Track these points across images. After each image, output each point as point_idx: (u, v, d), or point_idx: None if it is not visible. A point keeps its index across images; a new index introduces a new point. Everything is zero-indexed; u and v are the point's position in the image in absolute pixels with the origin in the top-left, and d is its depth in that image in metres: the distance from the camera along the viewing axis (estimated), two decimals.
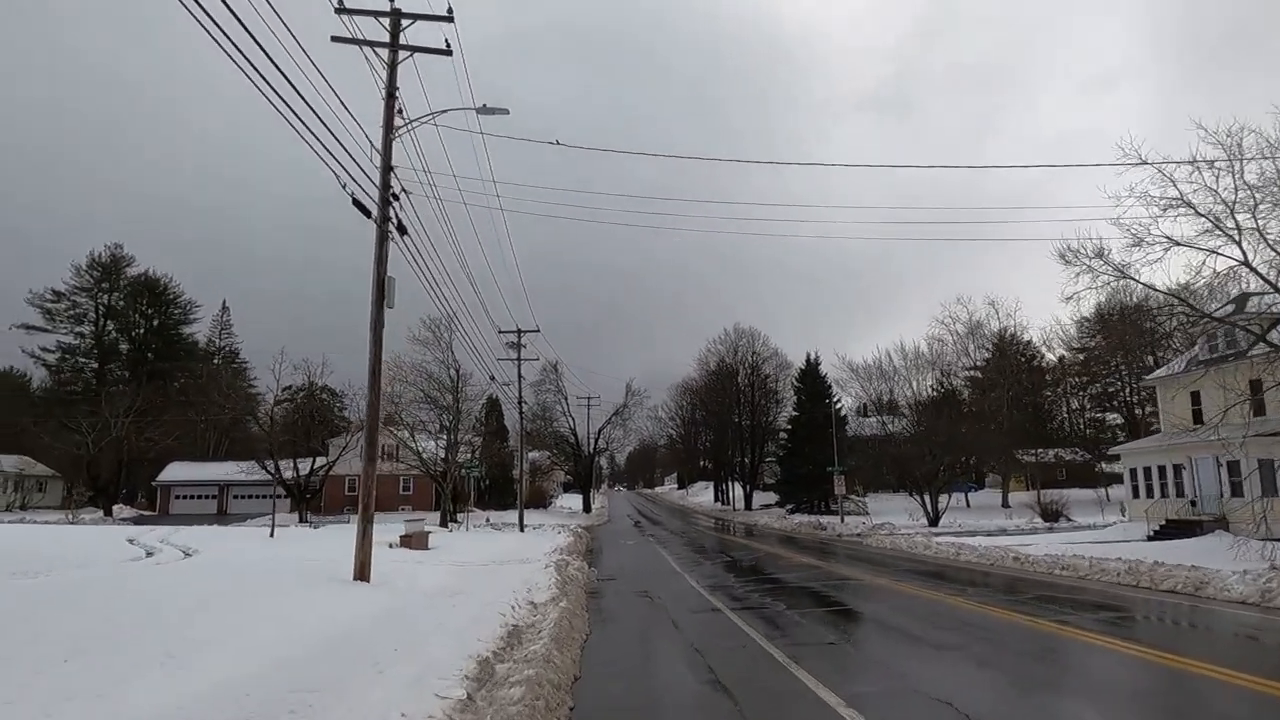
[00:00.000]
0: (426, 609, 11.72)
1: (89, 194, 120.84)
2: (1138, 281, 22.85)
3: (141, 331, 79.96)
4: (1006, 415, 55.20)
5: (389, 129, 15.25)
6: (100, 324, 76.82)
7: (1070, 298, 24.30)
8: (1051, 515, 41.72)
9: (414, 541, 24.27)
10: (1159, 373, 33.79)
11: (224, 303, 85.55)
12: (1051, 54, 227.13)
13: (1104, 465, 63.58)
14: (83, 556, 17.61)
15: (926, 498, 42.06)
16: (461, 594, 13.90)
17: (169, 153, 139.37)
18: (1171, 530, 27.10)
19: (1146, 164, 21.62)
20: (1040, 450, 62.67)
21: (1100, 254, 23.32)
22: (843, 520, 43.29)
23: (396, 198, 15.34)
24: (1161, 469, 29.84)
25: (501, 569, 19.25)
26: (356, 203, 13.12)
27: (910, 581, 15.74)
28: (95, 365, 76.08)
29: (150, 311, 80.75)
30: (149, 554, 19.21)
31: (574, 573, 18.45)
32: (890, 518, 42.81)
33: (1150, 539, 27.13)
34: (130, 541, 22.22)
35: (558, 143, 15.10)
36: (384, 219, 14.95)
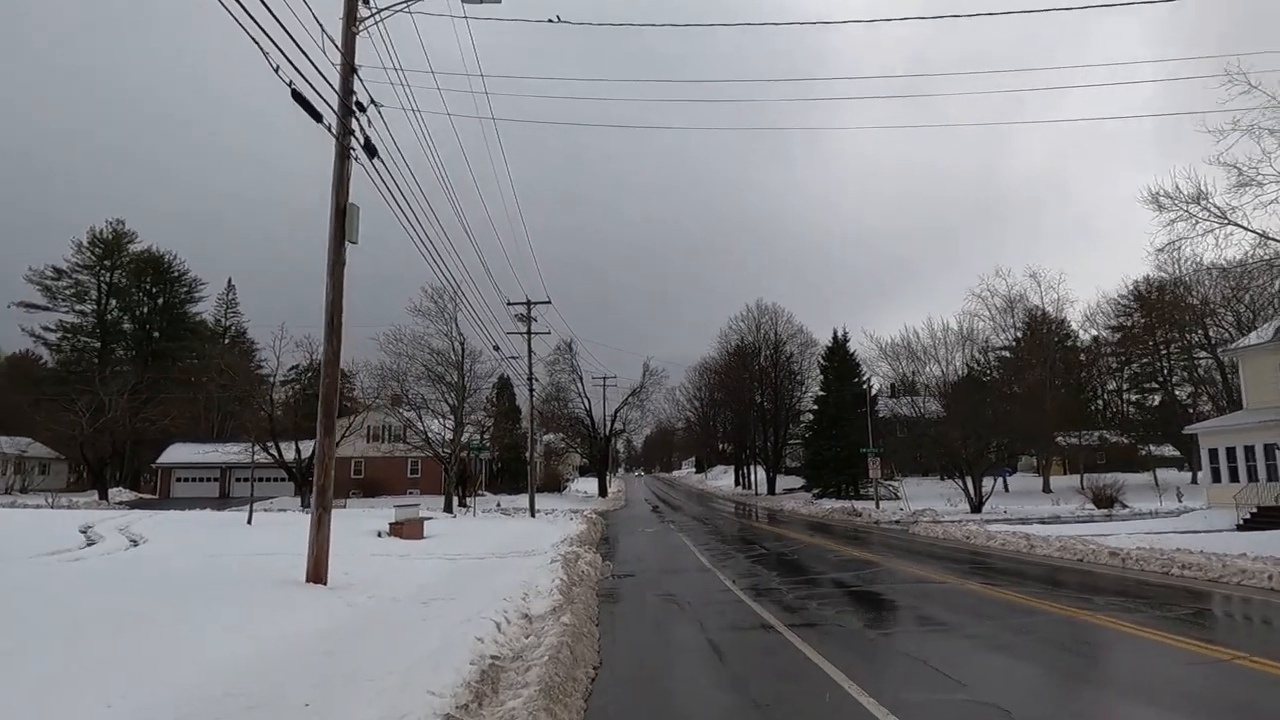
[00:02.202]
0: (383, 628, 8.80)
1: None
2: (1245, 229, 19.52)
3: (145, 310, 77.75)
4: (1050, 395, 51.59)
5: (351, 19, 12.22)
6: (103, 302, 74.62)
7: (1163, 249, 21.09)
8: (1105, 501, 38.29)
9: (406, 530, 21.45)
10: (1243, 342, 30.28)
11: (229, 280, 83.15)
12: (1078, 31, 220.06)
13: (1152, 448, 59.99)
14: (8, 548, 14.88)
15: (969, 482, 38.82)
16: (440, 601, 10.99)
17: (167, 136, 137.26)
18: (1265, 519, 23.79)
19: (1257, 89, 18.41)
20: (1084, 432, 58.97)
21: (1199, 198, 20.03)
22: (878, 506, 40.19)
23: (363, 108, 12.32)
24: (1249, 449, 26.45)
25: (501, 564, 16.39)
26: (299, 97, 10.06)
27: (1005, 585, 12.59)
28: (98, 345, 73.94)
29: (155, 290, 78.48)
30: (90, 544, 16.50)
31: (585, 569, 15.52)
32: (926, 503, 39.71)
33: (1241, 528, 23.89)
34: (84, 530, 19.51)
35: (558, 19, 11.92)
36: (344, 131, 11.95)
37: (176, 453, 61.07)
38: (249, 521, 23.18)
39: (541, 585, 12.29)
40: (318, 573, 11.33)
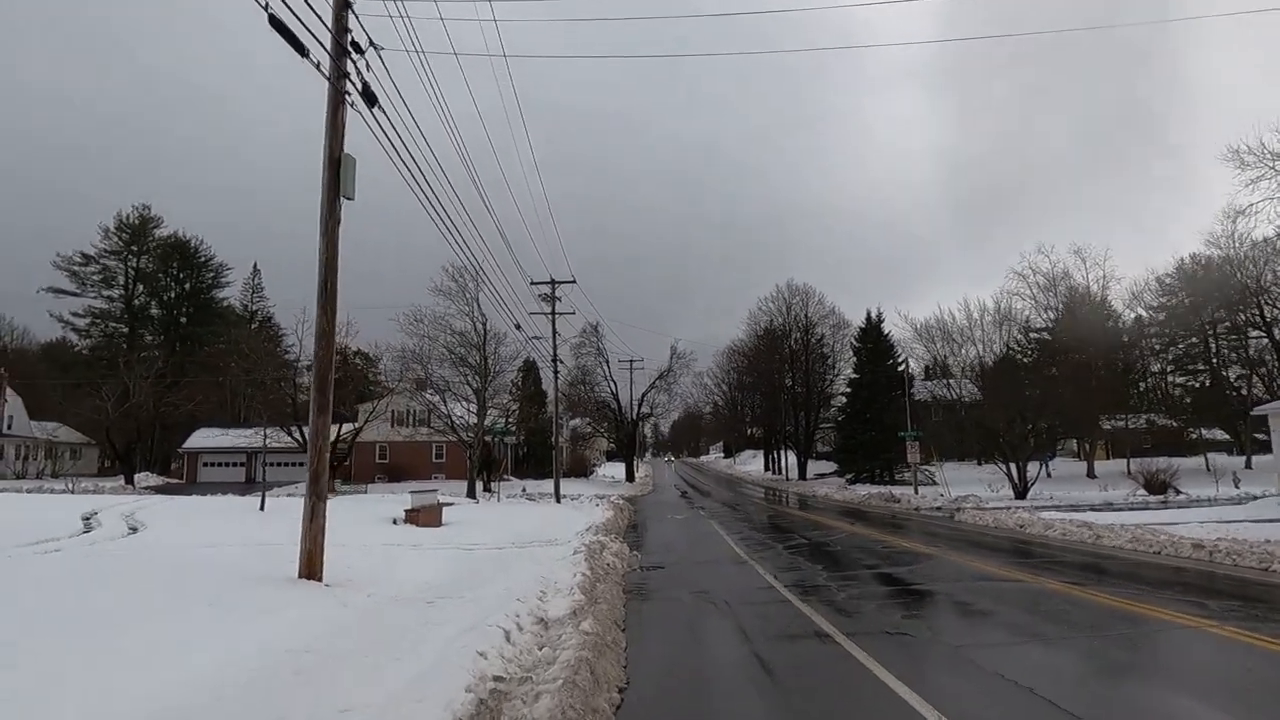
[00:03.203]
0: (374, 638, 7.54)
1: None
2: None
3: (173, 295, 77.78)
4: (1094, 376, 49.34)
5: None
6: (130, 287, 74.67)
7: (1244, 211, 19.27)
8: (1158, 487, 36.23)
9: (422, 517, 20.33)
10: None
11: (255, 265, 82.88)
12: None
13: (1203, 431, 57.48)
14: None
15: (1013, 466, 36.97)
16: (447, 601, 9.75)
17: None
18: None
19: None
20: (1129, 415, 56.59)
21: None
22: (916, 491, 38.54)
23: (359, 49, 11.02)
24: None
25: (520, 555, 15.15)
26: (277, 24, 8.72)
27: (1088, 584, 11.00)
28: (126, 330, 74.05)
29: (182, 275, 78.47)
30: (85, 532, 15.55)
31: (611, 560, 14.25)
32: (965, 489, 37.98)
33: None
34: (86, 517, 18.62)
35: None
36: (338, 74, 10.63)
37: (202, 437, 60.87)
38: (261, 508, 22.23)
39: (562, 581, 11.03)
40: (311, 568, 10.15)
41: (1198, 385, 62.82)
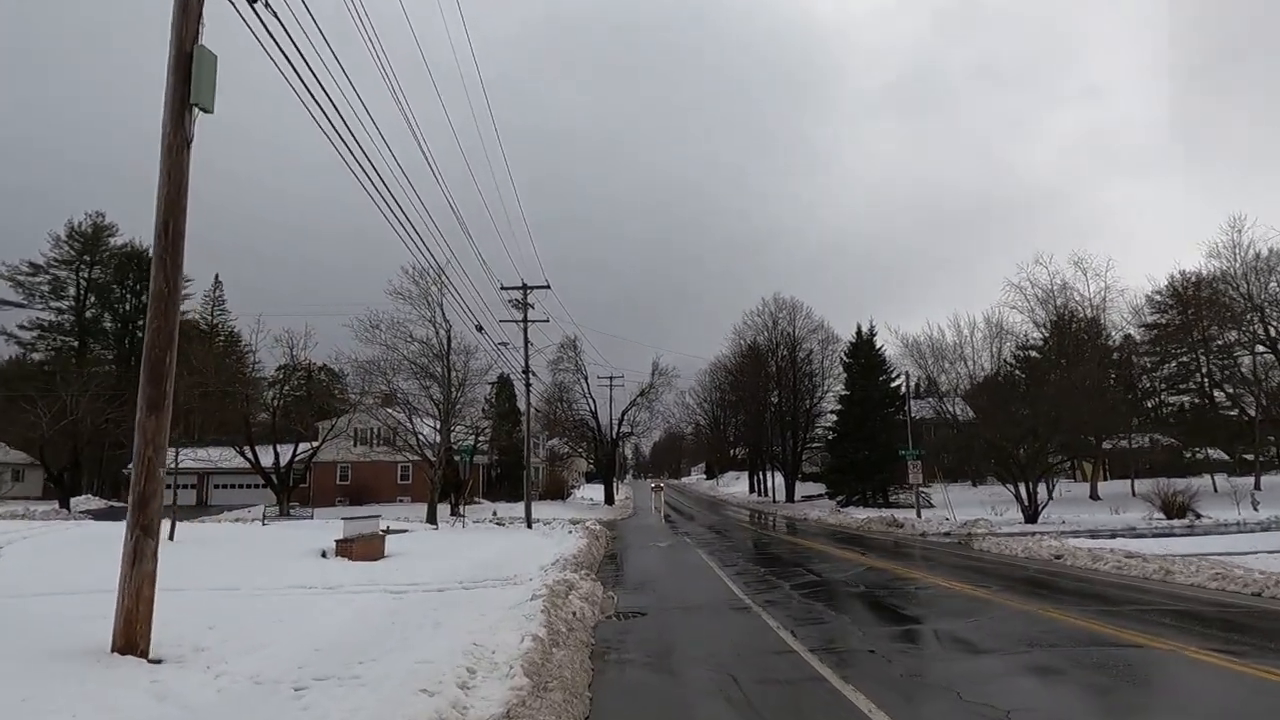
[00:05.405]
0: None
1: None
2: None
3: (128, 308, 73.76)
4: (1106, 394, 46.75)
5: None
6: (81, 299, 70.67)
7: None
8: (1177, 510, 33.58)
9: (357, 549, 17.04)
10: None
11: (216, 277, 79.10)
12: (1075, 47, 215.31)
13: (1209, 451, 55.13)
14: None
15: (1023, 488, 34.15)
16: (328, 684, 6.56)
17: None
18: None
19: None
20: (1133, 435, 54.11)
21: None
22: (919, 514, 35.63)
23: None
24: None
25: (464, 599, 11.97)
26: None
27: (1259, 656, 7.84)
28: (75, 344, 69.92)
29: (139, 286, 74.49)
30: None
31: (578, 607, 11.10)
32: (968, 511, 35.22)
33: None
34: None
35: None
36: None
37: None
38: (171, 537, 18.84)
39: (503, 649, 7.87)
40: (130, 637, 6.91)
41: (1194, 404, 60.78)
